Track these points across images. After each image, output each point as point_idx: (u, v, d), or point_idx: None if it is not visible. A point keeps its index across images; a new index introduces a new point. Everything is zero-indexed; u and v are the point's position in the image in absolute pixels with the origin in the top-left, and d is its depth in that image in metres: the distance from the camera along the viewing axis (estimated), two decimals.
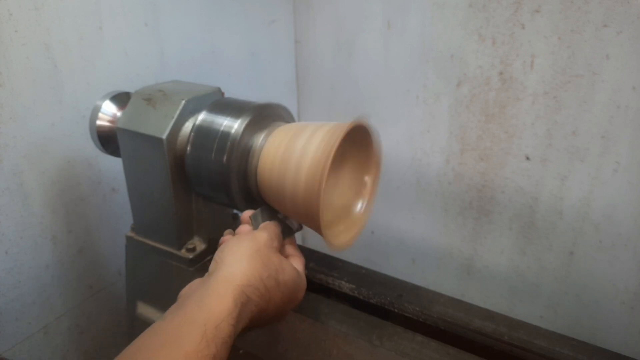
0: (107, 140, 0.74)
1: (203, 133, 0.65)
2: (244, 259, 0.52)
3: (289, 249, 0.62)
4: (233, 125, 0.62)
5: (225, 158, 0.62)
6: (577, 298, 1.13)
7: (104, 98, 0.74)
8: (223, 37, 1.14)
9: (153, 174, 0.69)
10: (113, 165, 0.93)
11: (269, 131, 0.64)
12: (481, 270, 1.26)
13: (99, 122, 0.73)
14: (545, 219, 1.11)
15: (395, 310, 0.74)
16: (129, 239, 0.79)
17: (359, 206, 0.66)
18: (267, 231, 0.58)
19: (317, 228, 0.58)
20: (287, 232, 0.63)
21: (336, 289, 0.74)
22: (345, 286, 0.73)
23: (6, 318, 0.84)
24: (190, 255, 0.73)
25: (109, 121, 0.73)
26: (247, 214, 0.62)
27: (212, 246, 0.77)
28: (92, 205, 0.93)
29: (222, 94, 0.73)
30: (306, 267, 0.77)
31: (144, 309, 0.81)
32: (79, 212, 0.91)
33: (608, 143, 0.98)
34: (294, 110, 1.14)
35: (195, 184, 0.67)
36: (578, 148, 1.02)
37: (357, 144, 0.63)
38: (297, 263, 0.59)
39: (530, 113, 1.05)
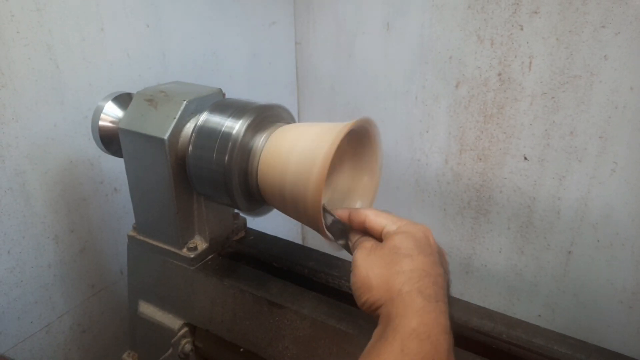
0: (109, 140, 0.75)
1: (204, 133, 0.65)
2: (375, 282, 0.50)
3: (374, 226, 0.57)
4: (234, 125, 0.63)
5: (226, 158, 0.62)
6: (575, 297, 1.14)
7: (106, 99, 0.74)
8: (224, 39, 1.14)
9: (155, 174, 0.69)
10: (115, 166, 0.94)
11: (270, 132, 0.65)
12: (479, 270, 1.27)
13: (101, 123, 0.74)
14: (543, 218, 1.12)
15: None
16: (130, 238, 0.79)
17: (359, 206, 0.67)
18: (358, 248, 0.55)
19: (317, 227, 0.58)
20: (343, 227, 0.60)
21: (336, 288, 0.75)
22: (345, 285, 0.74)
23: (8, 317, 0.84)
24: (192, 255, 0.74)
25: (111, 122, 0.74)
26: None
27: (214, 245, 0.77)
28: (94, 205, 0.94)
29: (224, 94, 0.73)
30: (306, 266, 0.78)
31: (146, 308, 0.82)
32: (81, 211, 0.92)
33: (606, 143, 0.99)
34: (294, 111, 1.15)
35: (197, 184, 0.68)
36: (576, 148, 1.02)
37: (357, 144, 0.64)
38: (390, 226, 0.55)
39: (529, 113, 1.05)
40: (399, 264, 0.50)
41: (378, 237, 0.56)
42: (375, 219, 0.57)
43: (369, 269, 0.51)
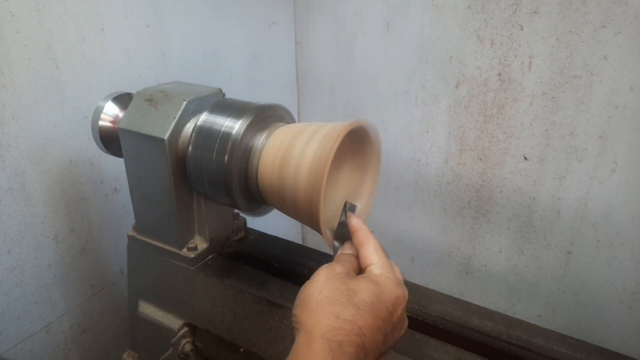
0: (109, 140, 0.75)
1: (204, 133, 0.65)
2: (313, 307, 0.48)
3: (365, 257, 0.54)
4: (234, 126, 0.63)
5: (226, 158, 0.62)
6: (575, 297, 1.14)
7: (106, 99, 0.74)
8: (224, 39, 1.14)
9: (155, 174, 0.69)
10: (115, 166, 0.94)
11: (270, 132, 0.65)
12: (480, 269, 1.27)
13: (101, 123, 0.74)
14: (543, 218, 1.12)
15: None
16: (130, 238, 0.79)
17: (358, 205, 0.67)
18: (328, 265, 0.53)
19: (317, 227, 0.58)
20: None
21: None
22: None
23: (8, 317, 0.84)
24: (192, 255, 0.74)
25: (111, 122, 0.74)
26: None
27: (214, 245, 0.77)
28: (94, 205, 0.94)
29: (223, 94, 0.73)
30: (306, 266, 0.78)
31: (146, 308, 0.82)
32: (81, 211, 0.92)
33: (606, 143, 0.99)
34: (294, 111, 1.15)
35: (197, 184, 0.68)
36: (576, 148, 1.02)
37: (356, 144, 0.64)
38: (376, 268, 0.53)
39: (529, 113, 1.05)
40: (342, 307, 0.47)
41: (362, 267, 0.55)
42: (371, 253, 0.54)
43: (319, 290, 0.50)
